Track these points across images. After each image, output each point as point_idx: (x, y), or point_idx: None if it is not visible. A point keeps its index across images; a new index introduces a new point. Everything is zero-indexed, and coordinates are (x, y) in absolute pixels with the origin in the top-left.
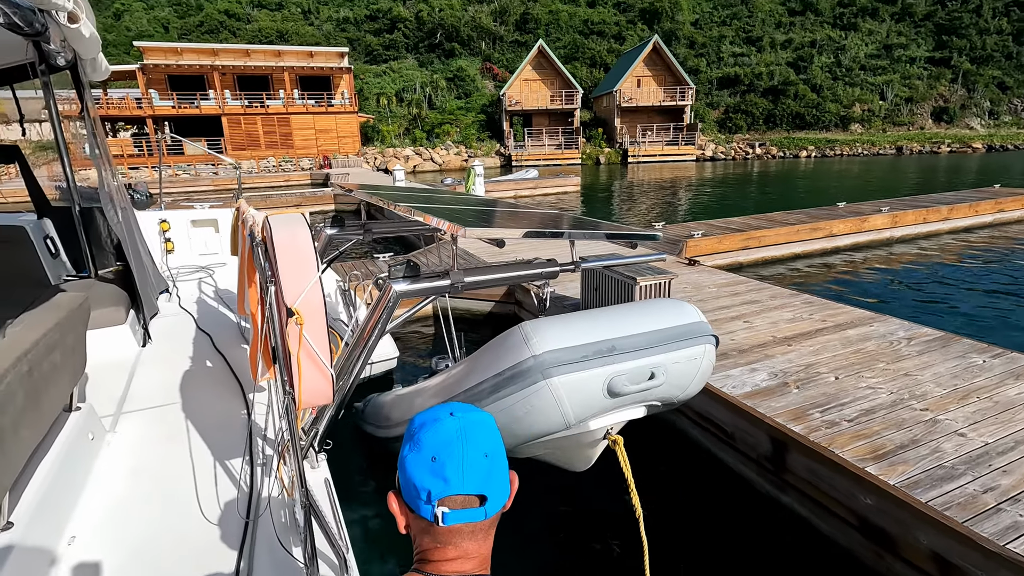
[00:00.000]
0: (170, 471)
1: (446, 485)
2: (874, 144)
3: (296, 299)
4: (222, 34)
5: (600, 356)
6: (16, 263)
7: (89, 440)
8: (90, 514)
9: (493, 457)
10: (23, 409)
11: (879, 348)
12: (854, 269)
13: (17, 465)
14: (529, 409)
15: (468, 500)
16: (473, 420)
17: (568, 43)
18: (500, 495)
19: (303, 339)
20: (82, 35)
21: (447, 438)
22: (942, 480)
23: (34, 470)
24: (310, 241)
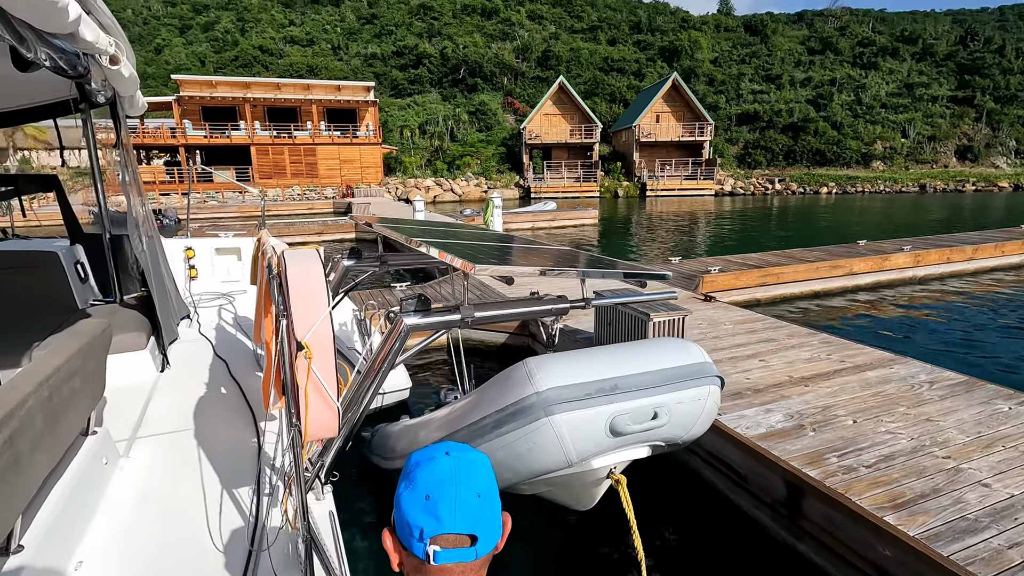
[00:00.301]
0: (179, 498)
1: (438, 523)
2: (896, 181)
3: (306, 334)
4: (255, 68)
5: (603, 394)
6: (47, 287)
7: (103, 464)
8: (99, 538)
9: (486, 497)
10: (41, 433)
11: (899, 391)
12: (875, 309)
13: (31, 489)
14: (531, 446)
15: (459, 539)
16: (468, 460)
17: (588, 79)
18: (491, 536)
19: (311, 373)
20: (122, 75)
21: (441, 477)
22: (965, 533)
23: (48, 493)
24: (322, 277)
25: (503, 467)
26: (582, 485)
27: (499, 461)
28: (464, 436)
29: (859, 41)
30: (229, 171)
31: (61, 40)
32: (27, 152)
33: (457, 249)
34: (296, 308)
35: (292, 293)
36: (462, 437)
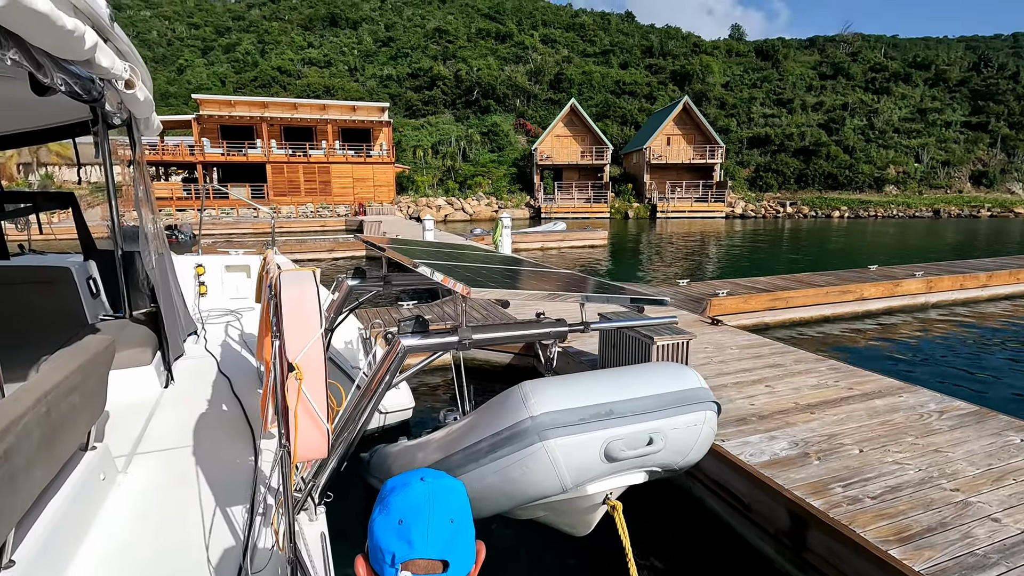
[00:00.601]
0: (175, 515)
1: (410, 548)
2: (910, 206)
3: (297, 355)
4: (274, 88)
5: (598, 419)
6: (59, 301)
7: (100, 480)
8: (92, 555)
9: (459, 524)
10: (38, 449)
11: (908, 421)
12: (885, 335)
13: (25, 504)
14: (525, 471)
15: (431, 565)
16: (442, 487)
17: (600, 102)
18: (464, 562)
19: (301, 394)
20: (137, 99)
21: (415, 503)
22: (972, 569)
23: (43, 509)
24: (316, 299)
25: (497, 492)
26: (577, 511)
27: (493, 485)
28: (459, 460)
29: (871, 66)
30: (244, 188)
31: (77, 66)
32: (50, 168)
33: (457, 272)
34: (288, 329)
35: (285, 314)
36: (457, 461)
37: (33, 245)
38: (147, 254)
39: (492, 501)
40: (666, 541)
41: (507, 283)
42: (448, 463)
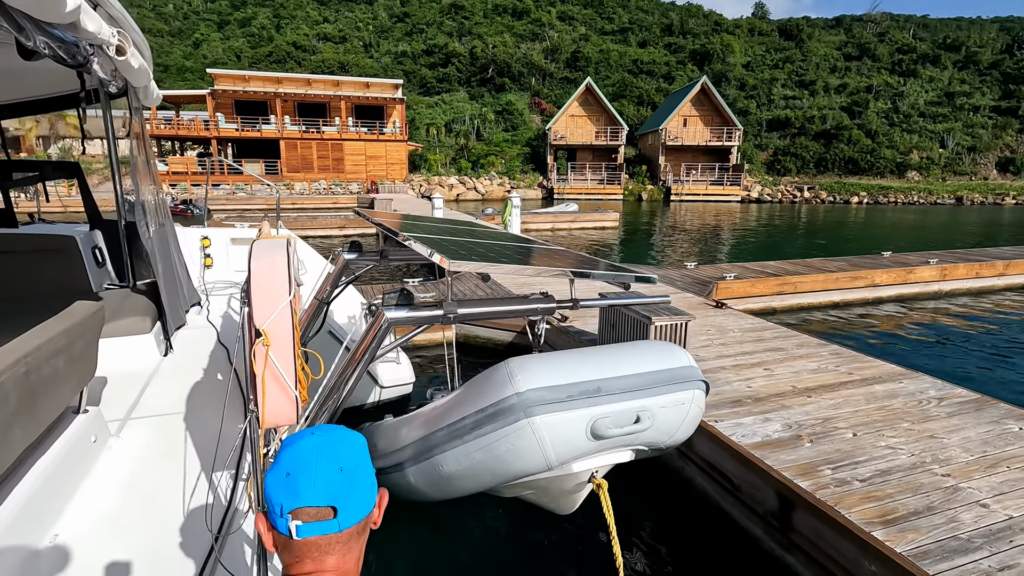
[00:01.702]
0: (163, 478)
1: (297, 497)
2: (931, 192)
3: (264, 322)
4: (288, 64)
5: (585, 397)
6: (64, 270)
7: (91, 443)
8: (79, 513)
9: (350, 472)
10: (16, 411)
11: (905, 406)
12: (895, 322)
13: (6, 460)
14: (510, 448)
15: (320, 512)
16: (333, 438)
17: (617, 81)
18: (355, 509)
19: (269, 361)
20: (131, 66)
21: (303, 455)
22: (955, 552)
23: (31, 466)
24: (285, 268)
25: (482, 468)
26: (562, 489)
27: (478, 462)
28: (443, 436)
29: (899, 47)
30: (259, 164)
31: (60, 30)
32: (68, 140)
33: (443, 245)
34: (256, 296)
35: (253, 282)
36: (441, 437)
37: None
38: (143, 225)
39: (476, 478)
40: (655, 520)
41: (492, 257)
42: (432, 440)
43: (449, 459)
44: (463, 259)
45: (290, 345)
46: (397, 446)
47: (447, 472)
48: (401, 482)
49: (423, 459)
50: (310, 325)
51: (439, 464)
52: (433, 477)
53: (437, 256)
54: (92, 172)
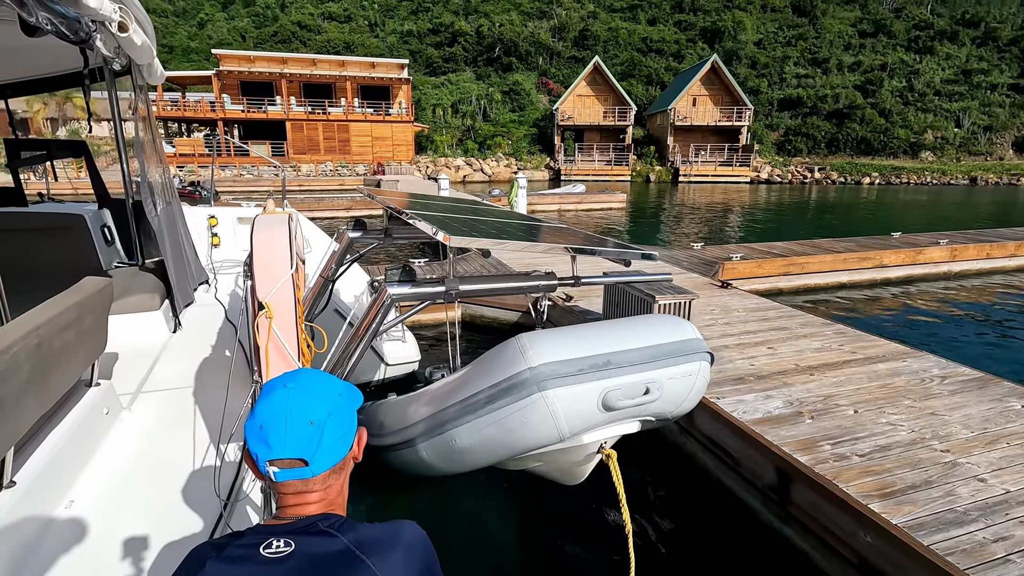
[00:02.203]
0: (173, 449)
1: (269, 450)
2: (945, 173)
3: (267, 295)
4: (293, 44)
5: (596, 370)
6: (73, 248)
7: (104, 415)
8: (93, 481)
9: (320, 424)
10: (28, 381)
11: (908, 384)
12: (902, 303)
13: (19, 429)
14: (523, 421)
15: (293, 462)
16: (304, 389)
17: (625, 60)
18: (327, 457)
19: (272, 332)
20: (133, 43)
21: (275, 409)
22: (951, 524)
23: (45, 436)
24: (286, 241)
25: (494, 442)
26: (572, 460)
27: (491, 436)
28: (455, 412)
29: (915, 24)
30: (265, 146)
31: (62, 5)
32: (76, 122)
33: (445, 222)
34: (259, 270)
35: (255, 255)
36: (453, 413)
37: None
38: (150, 203)
39: (490, 451)
40: (657, 494)
41: (493, 234)
42: (444, 415)
43: (462, 433)
44: (465, 235)
45: (292, 318)
46: (407, 423)
47: (460, 446)
48: (412, 458)
49: (435, 434)
50: (316, 303)
51: (452, 439)
52: (446, 452)
53: (439, 233)
54: (101, 154)
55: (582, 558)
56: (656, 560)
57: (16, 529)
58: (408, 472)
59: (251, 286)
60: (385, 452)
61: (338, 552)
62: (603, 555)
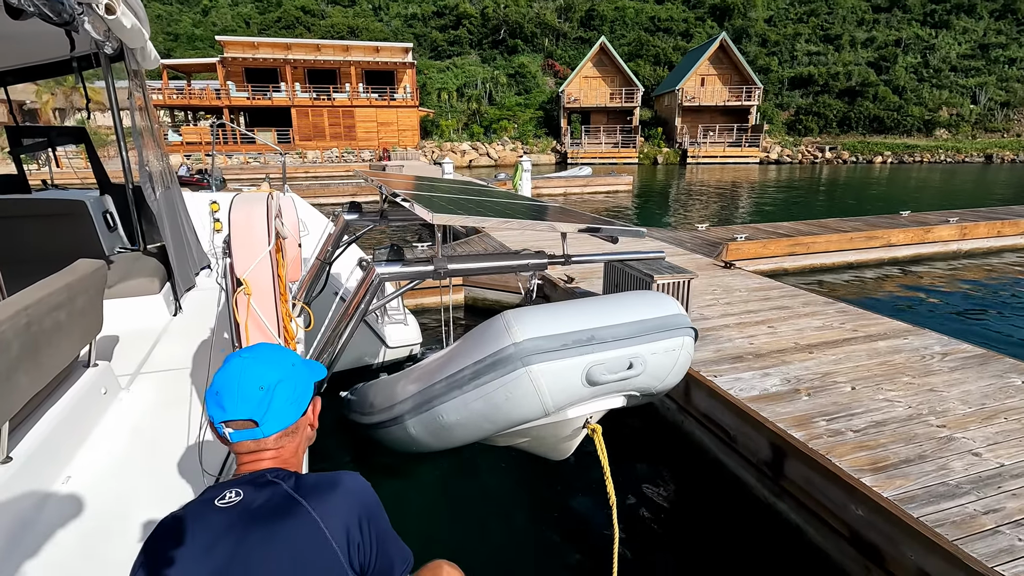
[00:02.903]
0: (170, 429)
1: (223, 412)
2: (960, 151)
3: (245, 271)
4: (297, 29)
5: (579, 345)
6: (76, 234)
7: (102, 394)
8: (90, 458)
9: (270, 389)
10: (19, 358)
11: (908, 362)
12: (909, 282)
13: (13, 406)
14: (508, 396)
15: (244, 423)
16: (258, 358)
17: (632, 40)
18: (276, 419)
19: (251, 309)
20: (122, 25)
21: (228, 376)
22: (941, 497)
23: (42, 414)
24: (264, 219)
25: (480, 417)
26: (558, 435)
27: (477, 411)
28: (442, 388)
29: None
30: (271, 133)
31: None
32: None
33: (432, 201)
34: (236, 247)
35: (233, 233)
36: (440, 389)
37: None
38: (149, 189)
39: (475, 427)
40: (654, 470)
41: (480, 212)
42: (431, 392)
43: (449, 409)
44: (450, 213)
45: (270, 295)
46: (395, 400)
47: (447, 422)
48: (401, 435)
49: (423, 410)
50: (313, 286)
51: (439, 415)
52: (433, 428)
53: (425, 211)
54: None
55: (569, 532)
56: (652, 536)
57: (12, 502)
58: (397, 449)
59: (230, 263)
60: (375, 429)
61: (279, 495)
62: (589, 530)
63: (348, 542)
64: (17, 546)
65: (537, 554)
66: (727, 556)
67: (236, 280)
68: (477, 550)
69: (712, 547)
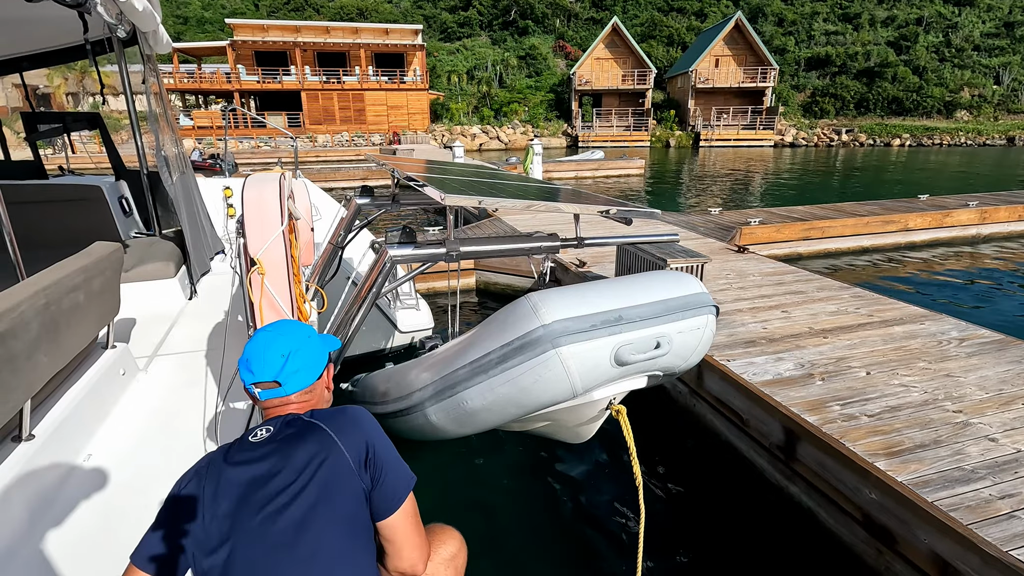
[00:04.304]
0: (187, 409)
1: (251, 375)
2: (981, 133)
3: (258, 251)
4: (307, 12)
5: (608, 325)
6: (92, 218)
7: (120, 375)
8: (110, 437)
9: (292, 355)
10: (38, 338)
11: (924, 347)
12: (928, 268)
13: (33, 385)
14: (537, 378)
15: (269, 384)
16: (282, 331)
17: (645, 20)
18: (296, 381)
19: (264, 288)
20: (135, 8)
21: (257, 345)
22: (956, 482)
23: (62, 394)
24: (276, 199)
25: (507, 401)
26: (582, 417)
27: (504, 395)
28: (466, 373)
29: None
30: (281, 117)
31: None
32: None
33: (443, 182)
34: (249, 227)
35: (246, 213)
36: (464, 374)
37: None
38: (165, 174)
39: (500, 411)
40: (665, 453)
41: (492, 194)
42: (453, 377)
43: (474, 394)
44: (462, 195)
45: (283, 275)
46: (413, 388)
47: (471, 407)
48: (421, 422)
49: (445, 397)
50: (325, 270)
51: (463, 400)
52: (456, 414)
53: (436, 193)
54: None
55: (593, 514)
56: (663, 518)
57: (35, 478)
58: (413, 437)
59: (243, 243)
60: (390, 418)
61: (301, 423)
62: (613, 511)
63: (358, 456)
64: (40, 521)
65: (555, 537)
66: (739, 537)
67: (250, 260)
68: (489, 529)
69: (724, 528)
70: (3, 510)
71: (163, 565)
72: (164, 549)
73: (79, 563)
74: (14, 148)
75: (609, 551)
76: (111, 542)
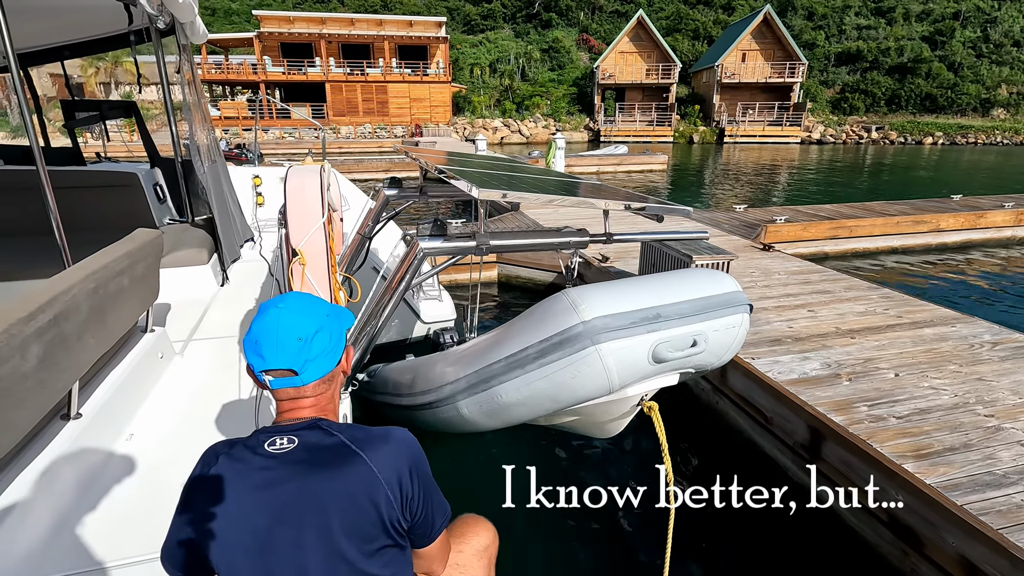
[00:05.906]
0: (222, 392)
1: (263, 361)
2: (1017, 132)
3: (300, 242)
4: (331, 3)
5: (647, 323)
6: (128, 205)
7: (159, 358)
8: (150, 417)
9: (308, 340)
10: (87, 320)
11: (955, 350)
12: (960, 269)
13: (81, 365)
14: (575, 374)
15: (284, 373)
16: (294, 308)
17: (671, 13)
18: (314, 369)
19: (305, 279)
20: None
21: (266, 326)
22: (988, 487)
23: (107, 375)
24: (318, 190)
25: (543, 396)
26: (614, 413)
27: (540, 390)
28: (502, 368)
29: None
30: (306, 108)
31: None
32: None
33: (476, 177)
34: (292, 218)
35: (289, 204)
36: (500, 368)
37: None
38: (198, 162)
39: (536, 405)
40: (688, 448)
41: (524, 188)
42: (489, 371)
43: (509, 388)
44: (494, 188)
45: (324, 265)
46: (444, 381)
47: (506, 401)
48: (451, 414)
49: (479, 390)
50: (353, 260)
51: (498, 394)
52: (490, 407)
53: (469, 185)
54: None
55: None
56: (685, 514)
57: (82, 456)
58: (439, 429)
59: (285, 234)
60: (417, 411)
61: (335, 444)
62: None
63: (400, 491)
64: (87, 495)
65: (581, 528)
66: (761, 534)
67: (292, 251)
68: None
69: (746, 525)
70: (54, 485)
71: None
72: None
73: (123, 535)
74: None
75: (638, 545)
76: (151, 519)
